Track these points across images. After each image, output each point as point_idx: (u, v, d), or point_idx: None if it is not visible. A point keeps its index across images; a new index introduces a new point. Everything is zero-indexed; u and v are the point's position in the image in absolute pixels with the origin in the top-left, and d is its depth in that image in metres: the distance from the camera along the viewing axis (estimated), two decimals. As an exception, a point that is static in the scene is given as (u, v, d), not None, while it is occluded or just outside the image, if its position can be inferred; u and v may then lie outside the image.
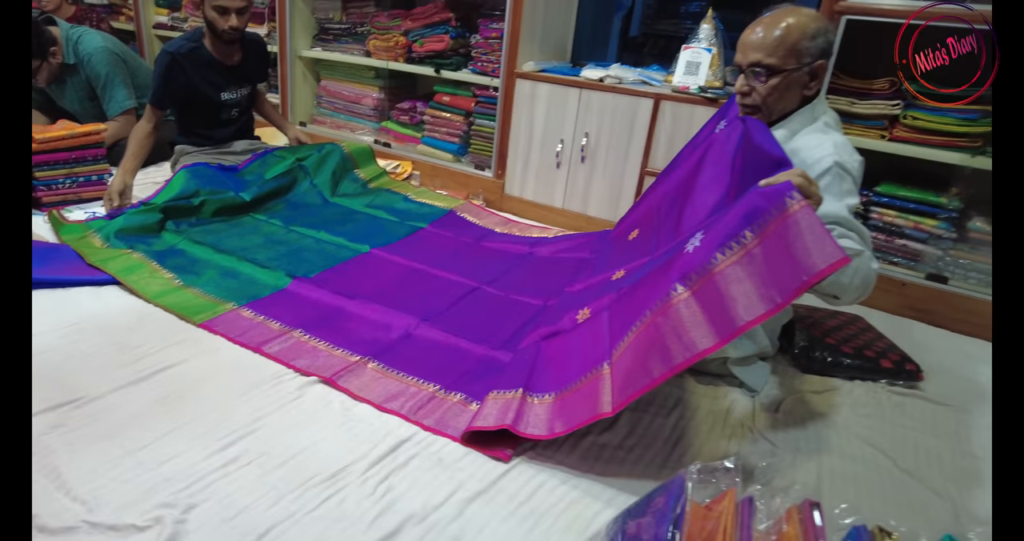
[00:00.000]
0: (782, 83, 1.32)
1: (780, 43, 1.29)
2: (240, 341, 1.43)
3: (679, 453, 1.20)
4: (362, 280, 1.76)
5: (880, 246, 1.99)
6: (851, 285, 1.15)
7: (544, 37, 2.53)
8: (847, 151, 1.29)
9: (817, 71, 1.32)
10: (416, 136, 2.88)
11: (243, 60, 2.35)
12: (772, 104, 1.35)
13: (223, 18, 2.14)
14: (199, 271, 1.75)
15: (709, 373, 1.46)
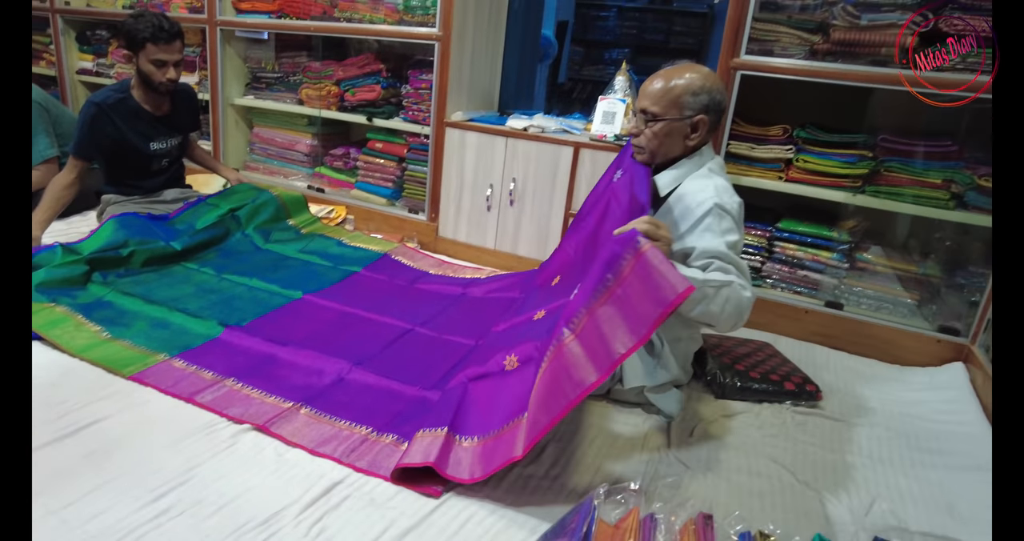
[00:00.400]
0: (663, 130, 1.47)
1: (665, 94, 1.46)
2: (171, 392, 1.44)
3: (600, 478, 1.27)
4: (295, 326, 1.79)
5: (784, 277, 2.18)
6: (723, 313, 1.27)
7: (472, 88, 2.67)
8: (727, 194, 1.44)
9: (698, 124, 1.47)
10: (350, 181, 2.94)
11: (172, 110, 2.37)
12: (655, 147, 1.51)
13: (160, 71, 2.15)
14: (128, 323, 1.74)
15: (629, 402, 1.56)
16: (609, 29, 5.78)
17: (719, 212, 1.38)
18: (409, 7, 2.60)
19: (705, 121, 1.47)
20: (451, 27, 2.44)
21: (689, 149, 1.51)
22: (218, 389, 1.46)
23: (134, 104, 2.25)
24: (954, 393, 1.75)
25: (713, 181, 1.45)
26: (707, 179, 1.47)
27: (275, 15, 2.92)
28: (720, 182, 1.46)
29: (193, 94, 2.51)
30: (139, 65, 2.16)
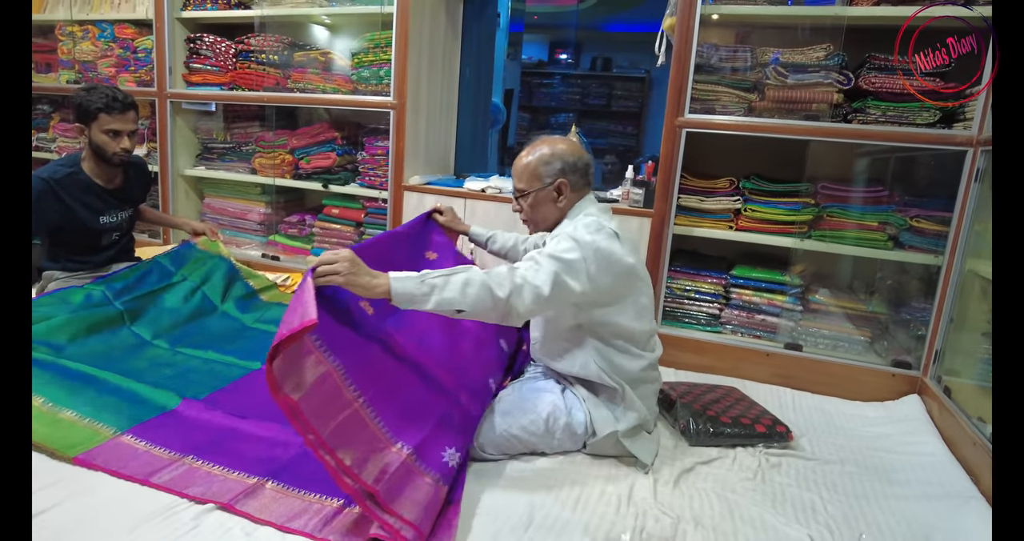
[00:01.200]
0: (534, 201, 1.57)
1: (524, 171, 1.57)
2: (124, 474, 1.34)
3: (592, 535, 1.24)
4: (255, 398, 1.71)
5: (744, 322, 2.24)
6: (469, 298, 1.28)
7: (428, 152, 2.73)
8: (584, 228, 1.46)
9: (560, 187, 1.55)
10: (306, 248, 2.91)
11: (124, 182, 2.30)
12: (534, 217, 1.61)
13: (115, 141, 2.10)
14: (74, 389, 1.61)
15: (605, 455, 1.54)
16: (553, 95, 6.06)
17: (563, 238, 1.43)
18: (362, 78, 2.67)
19: (565, 183, 1.55)
20: (405, 95, 2.51)
21: (563, 211, 1.58)
22: (176, 467, 1.37)
23: (84, 177, 2.18)
24: (914, 424, 1.80)
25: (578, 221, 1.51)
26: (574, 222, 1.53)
27: (227, 87, 2.95)
28: (586, 222, 1.49)
29: (144, 166, 2.46)
30: (91, 137, 2.11)
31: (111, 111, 2.07)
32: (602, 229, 1.47)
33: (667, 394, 1.82)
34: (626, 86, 5.84)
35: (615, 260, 1.44)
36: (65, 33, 3.37)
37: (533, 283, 1.33)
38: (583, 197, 1.60)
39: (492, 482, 1.40)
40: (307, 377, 1.17)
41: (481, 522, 1.26)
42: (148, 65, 3.11)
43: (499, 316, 1.34)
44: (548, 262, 1.37)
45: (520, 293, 1.32)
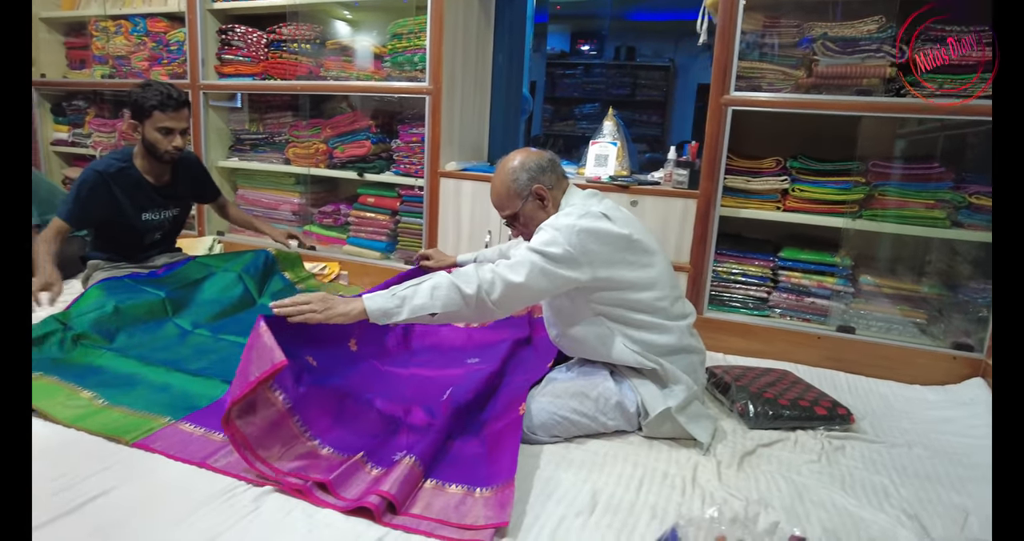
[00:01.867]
0: (525, 218, 1.58)
1: (501, 197, 1.59)
2: (182, 457, 1.33)
3: (659, 518, 1.20)
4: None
5: (792, 305, 2.18)
6: (443, 299, 1.33)
7: (462, 139, 2.70)
8: (562, 216, 1.46)
9: (539, 193, 1.54)
10: (341, 237, 2.90)
11: (172, 180, 2.27)
12: (532, 230, 1.56)
13: (167, 138, 2.08)
14: (126, 387, 1.63)
15: (662, 438, 1.50)
16: (577, 86, 6.00)
17: (543, 230, 1.44)
18: (396, 64, 2.65)
19: (542, 187, 1.54)
20: (441, 80, 2.48)
21: (554, 209, 1.57)
22: (232, 451, 1.36)
23: (135, 173, 2.16)
24: (980, 408, 1.74)
25: (560, 212, 1.52)
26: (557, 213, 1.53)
27: (259, 77, 2.94)
28: (567, 211, 1.50)
29: (196, 161, 2.42)
30: (144, 134, 2.08)
31: (165, 108, 2.04)
32: (587, 213, 1.46)
33: (721, 377, 1.77)
34: (650, 75, 5.76)
35: (604, 233, 1.43)
36: (98, 29, 3.40)
37: (503, 274, 1.36)
38: (564, 191, 1.59)
39: (550, 465, 1.37)
40: (257, 412, 1.28)
41: (544, 506, 1.23)
42: (180, 57, 3.11)
43: (474, 313, 1.38)
44: (525, 255, 1.39)
45: (492, 285, 1.35)
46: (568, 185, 1.61)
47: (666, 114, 5.77)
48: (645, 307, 1.49)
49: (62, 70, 3.69)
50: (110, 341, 1.88)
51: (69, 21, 3.59)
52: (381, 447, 1.37)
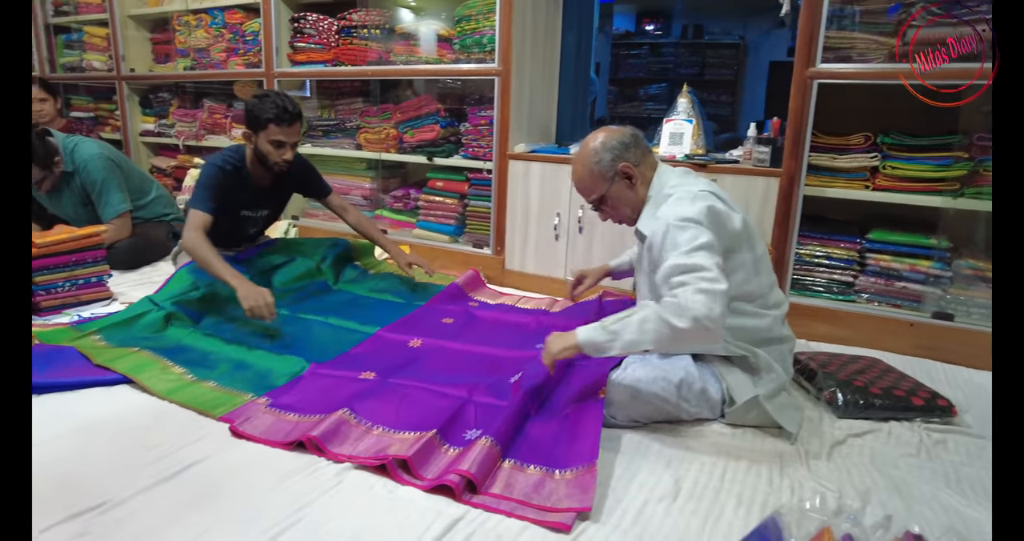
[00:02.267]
0: (613, 200, 1.51)
1: (582, 181, 1.52)
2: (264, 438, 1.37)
3: (746, 506, 1.16)
4: (380, 361, 1.73)
5: (881, 290, 2.05)
6: (656, 332, 1.25)
7: (531, 121, 2.67)
8: (681, 205, 1.36)
9: (625, 172, 1.47)
10: (411, 221, 2.93)
11: (276, 183, 2.30)
12: (622, 212, 1.54)
13: (278, 151, 2.09)
14: (211, 364, 1.70)
15: (745, 425, 1.44)
16: (642, 66, 5.84)
17: (676, 228, 1.33)
18: (464, 46, 2.64)
19: (627, 165, 1.47)
20: (510, 61, 2.45)
21: (644, 189, 1.50)
22: (313, 426, 1.39)
23: (247, 175, 2.20)
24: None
25: (670, 201, 1.41)
26: (667, 202, 1.42)
27: (330, 63, 2.99)
28: (675, 198, 1.40)
29: (303, 161, 2.39)
30: (257, 144, 2.10)
31: (280, 122, 2.04)
32: (696, 196, 1.38)
33: (806, 364, 1.69)
34: (719, 54, 5.54)
35: (723, 215, 1.37)
36: (181, 23, 3.54)
37: (710, 288, 1.23)
38: (653, 168, 1.52)
39: (629, 450, 1.35)
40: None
41: (625, 490, 1.20)
42: (256, 47, 3.21)
43: (696, 339, 1.25)
44: (702, 259, 1.27)
45: (709, 307, 1.21)
46: (657, 162, 1.53)
47: (737, 93, 5.54)
48: (745, 294, 1.43)
49: (148, 64, 3.88)
50: (196, 322, 1.97)
51: (154, 17, 3.76)
52: (451, 425, 1.37)
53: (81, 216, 2.59)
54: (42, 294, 2.03)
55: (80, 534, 1.05)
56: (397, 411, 1.44)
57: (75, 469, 1.23)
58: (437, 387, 1.54)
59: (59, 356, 1.68)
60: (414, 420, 1.39)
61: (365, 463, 1.26)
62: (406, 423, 1.38)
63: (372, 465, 1.25)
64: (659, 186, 1.48)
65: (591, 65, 3.98)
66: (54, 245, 2.05)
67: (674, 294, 1.26)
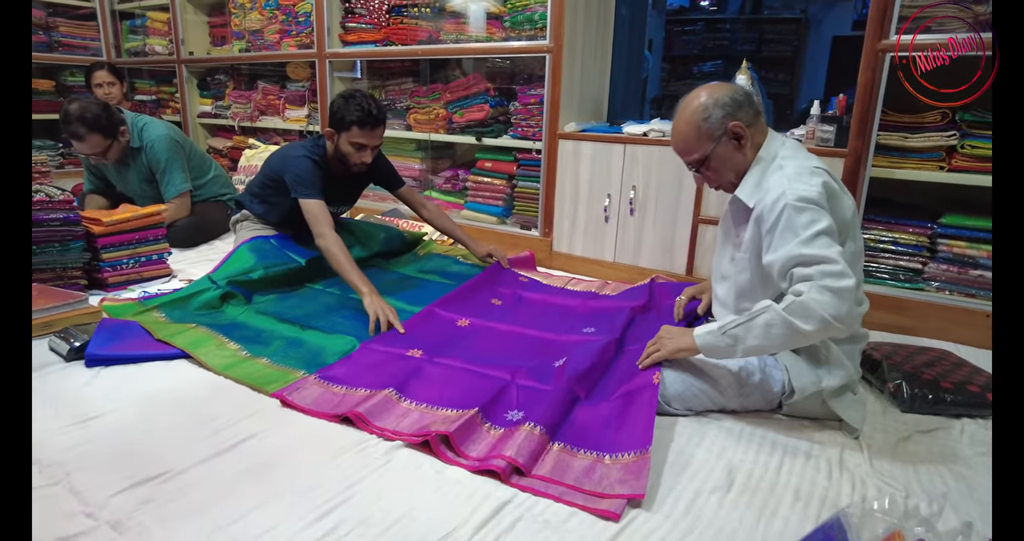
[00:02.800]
0: (717, 160, 1.39)
1: (685, 140, 1.40)
2: (313, 408, 1.40)
3: (804, 501, 1.11)
4: (429, 339, 1.74)
5: (953, 278, 1.94)
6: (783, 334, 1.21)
7: (582, 99, 2.61)
8: (800, 181, 1.27)
9: (736, 131, 1.35)
10: (459, 202, 2.93)
11: (348, 179, 2.28)
12: (725, 177, 1.42)
13: (358, 153, 2.07)
14: (265, 341, 1.74)
15: (804, 417, 1.39)
16: (696, 43, 5.64)
17: (793, 209, 1.24)
18: (515, 23, 2.59)
19: (739, 124, 1.35)
20: (562, 38, 2.39)
21: (751, 152, 1.39)
22: (360, 403, 1.41)
23: (325, 167, 2.19)
24: None
25: (784, 173, 1.31)
26: (778, 173, 1.33)
27: (380, 43, 2.99)
28: (791, 170, 1.31)
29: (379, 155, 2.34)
30: (339, 144, 2.09)
31: (363, 126, 2.02)
32: (814, 172, 1.29)
33: (869, 354, 1.61)
34: (778, 29, 5.29)
35: (837, 202, 1.29)
36: (236, 6, 3.59)
37: (834, 285, 1.16)
38: (763, 133, 1.41)
39: (682, 438, 1.31)
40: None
41: (677, 479, 1.17)
42: (308, 28, 3.23)
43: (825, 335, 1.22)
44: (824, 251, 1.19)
45: (837, 306, 1.16)
46: (767, 128, 1.41)
47: (796, 71, 5.30)
48: None
49: (206, 47, 3.97)
50: (249, 301, 2.01)
51: (211, 1, 3.83)
52: (493, 405, 1.36)
53: (146, 193, 2.68)
54: (108, 270, 2.12)
55: (146, 500, 1.08)
56: (441, 390, 1.44)
57: (138, 438, 1.28)
58: (481, 368, 1.53)
59: (124, 330, 1.74)
60: (456, 399, 1.39)
61: (409, 440, 1.27)
62: (448, 401, 1.39)
63: (415, 442, 1.26)
64: (769, 154, 1.38)
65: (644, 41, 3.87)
66: (120, 224, 2.13)
67: (797, 291, 1.19)
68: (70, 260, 2.04)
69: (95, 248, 2.10)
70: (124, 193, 2.72)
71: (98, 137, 2.41)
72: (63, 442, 1.26)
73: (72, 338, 1.63)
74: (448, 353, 1.64)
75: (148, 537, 0.99)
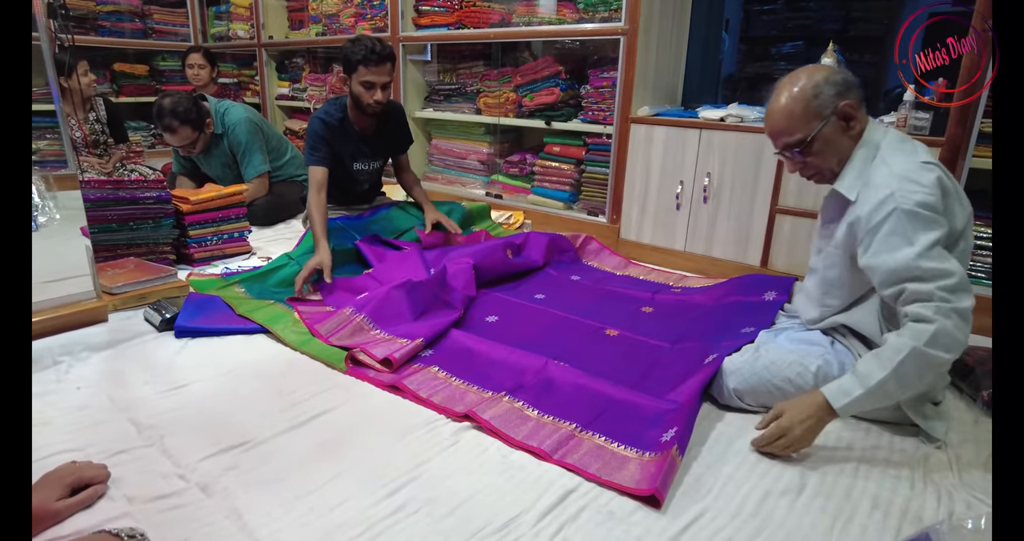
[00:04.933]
0: (822, 143, 1.28)
1: (790, 117, 1.28)
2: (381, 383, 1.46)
3: (883, 510, 1.06)
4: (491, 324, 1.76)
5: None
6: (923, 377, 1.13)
7: (656, 82, 2.54)
8: (910, 182, 1.17)
9: (846, 111, 1.25)
10: (526, 187, 2.92)
11: (377, 132, 2.38)
12: (826, 164, 1.31)
13: (368, 92, 2.15)
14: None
15: (878, 421, 1.32)
16: (776, 22, 5.36)
17: (905, 215, 1.15)
18: (590, 4, 2.53)
19: (850, 104, 1.25)
20: (638, 19, 2.33)
21: (856, 139, 1.29)
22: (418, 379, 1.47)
23: (348, 123, 2.30)
24: None
25: (891, 171, 1.20)
26: (883, 168, 1.22)
27: (453, 26, 3.00)
28: (899, 168, 1.20)
29: (400, 110, 2.50)
30: (351, 87, 2.19)
31: (368, 63, 2.11)
32: (925, 168, 1.20)
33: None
34: (867, 6, 4.96)
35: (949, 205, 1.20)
36: (314, -11, 3.68)
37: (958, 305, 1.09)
38: (864, 120, 1.30)
39: (751, 435, 1.28)
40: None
41: (746, 479, 1.14)
42: (382, 11, 3.27)
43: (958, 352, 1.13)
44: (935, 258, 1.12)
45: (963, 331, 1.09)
46: (868, 117, 1.31)
47: (885, 52, 4.97)
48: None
49: (284, 31, 4.09)
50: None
51: (289, -15, 3.94)
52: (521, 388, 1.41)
53: (227, 175, 2.81)
54: (194, 247, 2.24)
55: (231, 467, 1.15)
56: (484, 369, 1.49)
57: (222, 407, 1.36)
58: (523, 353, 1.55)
59: (209, 304, 1.84)
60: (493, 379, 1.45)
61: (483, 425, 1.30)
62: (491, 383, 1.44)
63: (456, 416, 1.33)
64: (871, 142, 1.28)
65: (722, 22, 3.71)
66: (205, 202, 2.24)
67: (922, 316, 1.11)
68: (161, 236, 2.16)
69: (183, 225, 2.22)
70: (208, 176, 2.86)
71: (188, 129, 2.54)
72: (158, 407, 1.35)
73: (164, 310, 1.74)
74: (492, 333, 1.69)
75: (233, 501, 1.06)
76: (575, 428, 1.27)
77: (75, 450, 1.17)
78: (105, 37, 4.18)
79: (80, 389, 1.41)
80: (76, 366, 1.52)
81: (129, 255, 2.10)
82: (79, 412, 1.31)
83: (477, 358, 1.55)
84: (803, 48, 5.27)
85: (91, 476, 1.05)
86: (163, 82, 4.51)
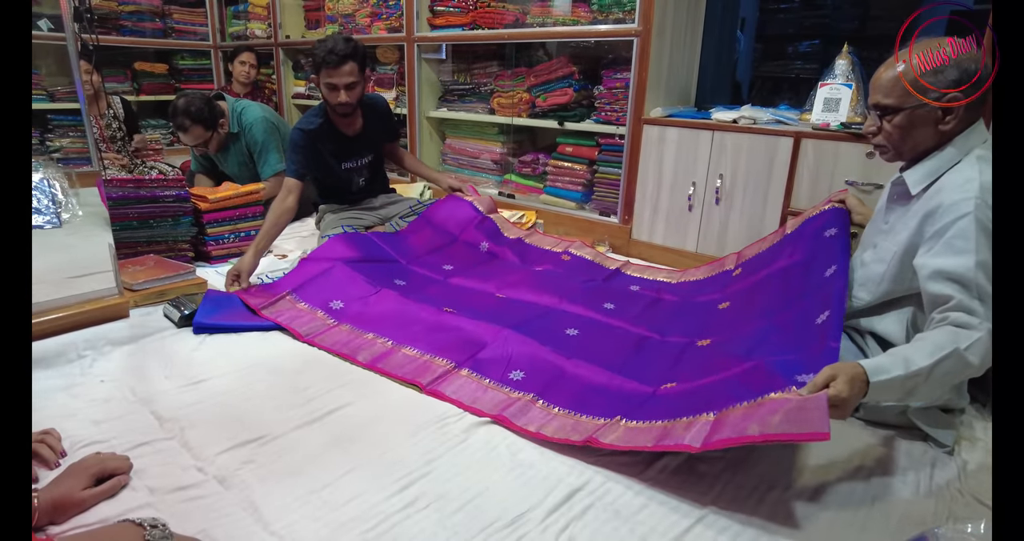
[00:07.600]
0: (905, 122, 1.23)
1: (897, 82, 1.22)
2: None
3: (882, 513, 1.08)
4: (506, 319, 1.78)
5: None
6: (941, 387, 1.16)
7: (669, 83, 2.54)
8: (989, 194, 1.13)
9: (948, 106, 1.19)
10: (538, 187, 2.94)
11: (364, 128, 2.36)
12: (897, 143, 1.27)
13: (332, 94, 2.14)
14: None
15: (888, 424, 1.33)
16: (792, 21, 5.33)
17: (978, 223, 1.12)
18: (603, 5, 2.54)
19: (960, 98, 1.18)
20: (652, 20, 2.34)
21: (946, 136, 1.23)
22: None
23: (329, 126, 2.29)
24: None
25: (980, 174, 1.16)
26: (972, 170, 1.18)
27: (467, 27, 3.02)
28: (987, 179, 1.15)
29: (383, 104, 2.51)
30: (320, 88, 2.20)
31: (327, 64, 2.08)
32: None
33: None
34: (886, 4, 4.91)
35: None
36: (330, -11, 3.71)
37: (986, 336, 1.07)
38: (972, 124, 1.23)
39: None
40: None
41: (752, 485, 1.15)
42: (398, 12, 3.30)
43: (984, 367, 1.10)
44: (988, 281, 1.10)
45: (981, 356, 1.07)
46: (979, 120, 1.23)
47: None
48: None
49: (301, 30, 4.13)
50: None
51: (306, -15, 3.98)
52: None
53: (245, 174, 2.85)
54: (212, 244, 2.28)
55: (248, 461, 1.19)
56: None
57: (239, 403, 1.39)
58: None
59: (227, 301, 1.88)
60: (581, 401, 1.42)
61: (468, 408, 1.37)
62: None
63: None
64: (967, 142, 1.22)
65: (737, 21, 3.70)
66: (223, 200, 2.29)
67: (965, 322, 1.09)
68: (180, 234, 2.21)
69: (201, 223, 2.26)
70: (226, 174, 2.91)
71: (200, 128, 2.59)
72: (178, 401, 1.39)
73: (182, 307, 1.78)
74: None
75: (250, 494, 1.09)
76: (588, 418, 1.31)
77: (100, 442, 1.21)
78: (126, 37, 4.25)
79: (103, 382, 1.46)
80: (99, 360, 1.56)
81: (149, 252, 2.15)
82: (103, 404, 1.36)
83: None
84: (819, 46, 5.24)
85: (115, 467, 1.09)
86: (182, 81, 4.58)
